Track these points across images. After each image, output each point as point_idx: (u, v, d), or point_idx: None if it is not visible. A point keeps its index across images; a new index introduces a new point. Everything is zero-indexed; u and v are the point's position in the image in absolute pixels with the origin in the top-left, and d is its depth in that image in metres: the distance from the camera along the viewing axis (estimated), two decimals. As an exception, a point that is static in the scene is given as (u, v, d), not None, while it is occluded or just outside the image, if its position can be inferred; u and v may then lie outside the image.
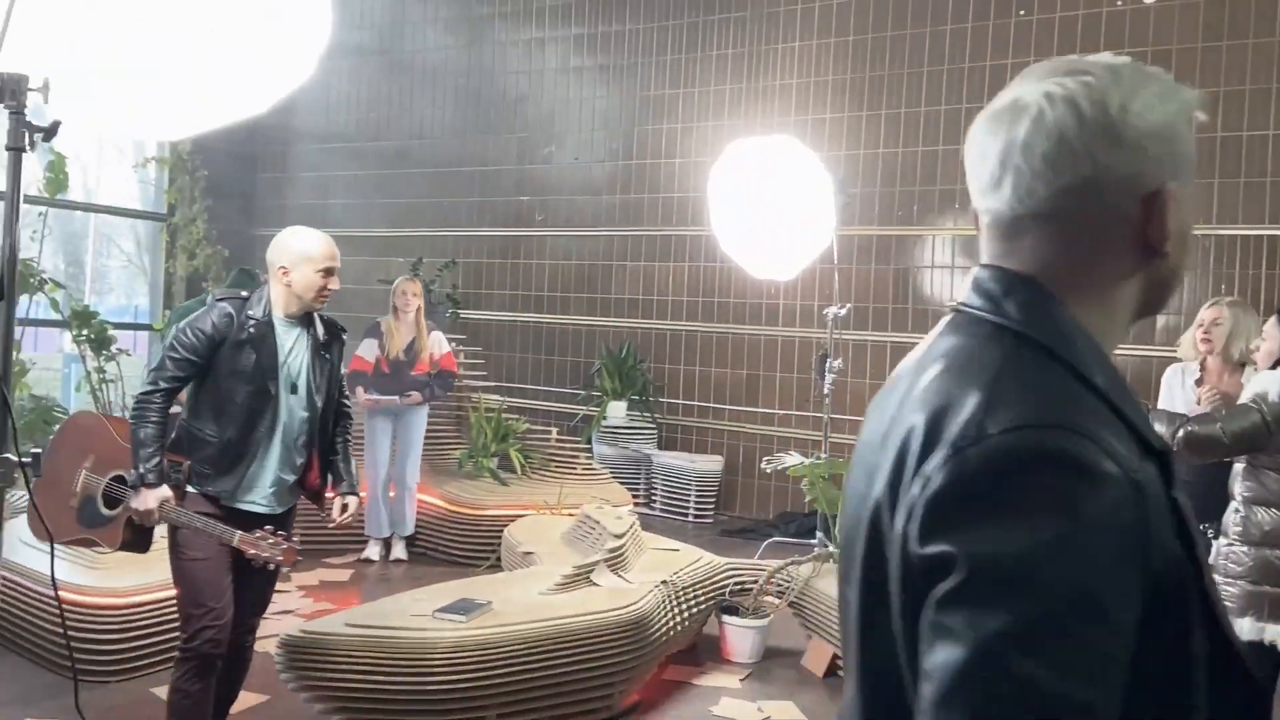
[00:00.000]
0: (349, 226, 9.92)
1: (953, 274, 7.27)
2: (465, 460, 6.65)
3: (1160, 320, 6.25)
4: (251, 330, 3.08)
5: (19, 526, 4.66)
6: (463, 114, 9.59)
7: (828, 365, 6.15)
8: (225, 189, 10.27)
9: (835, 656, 4.39)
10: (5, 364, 2.12)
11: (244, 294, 3.21)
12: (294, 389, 3.16)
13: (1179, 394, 3.75)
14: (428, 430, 6.36)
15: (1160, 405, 3.73)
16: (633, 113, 8.69)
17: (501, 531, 5.49)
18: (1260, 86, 6.32)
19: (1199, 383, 3.68)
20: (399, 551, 6.17)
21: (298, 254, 3.11)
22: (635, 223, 8.64)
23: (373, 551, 6.13)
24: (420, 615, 3.67)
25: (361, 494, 3.75)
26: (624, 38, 8.75)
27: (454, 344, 7.33)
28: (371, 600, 4.19)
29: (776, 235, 5.85)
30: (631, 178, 8.67)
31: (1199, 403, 3.54)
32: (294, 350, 3.17)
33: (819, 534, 5.93)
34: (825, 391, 6.16)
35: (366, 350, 6.10)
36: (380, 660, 3.47)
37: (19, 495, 5.12)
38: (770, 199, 5.75)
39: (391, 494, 6.15)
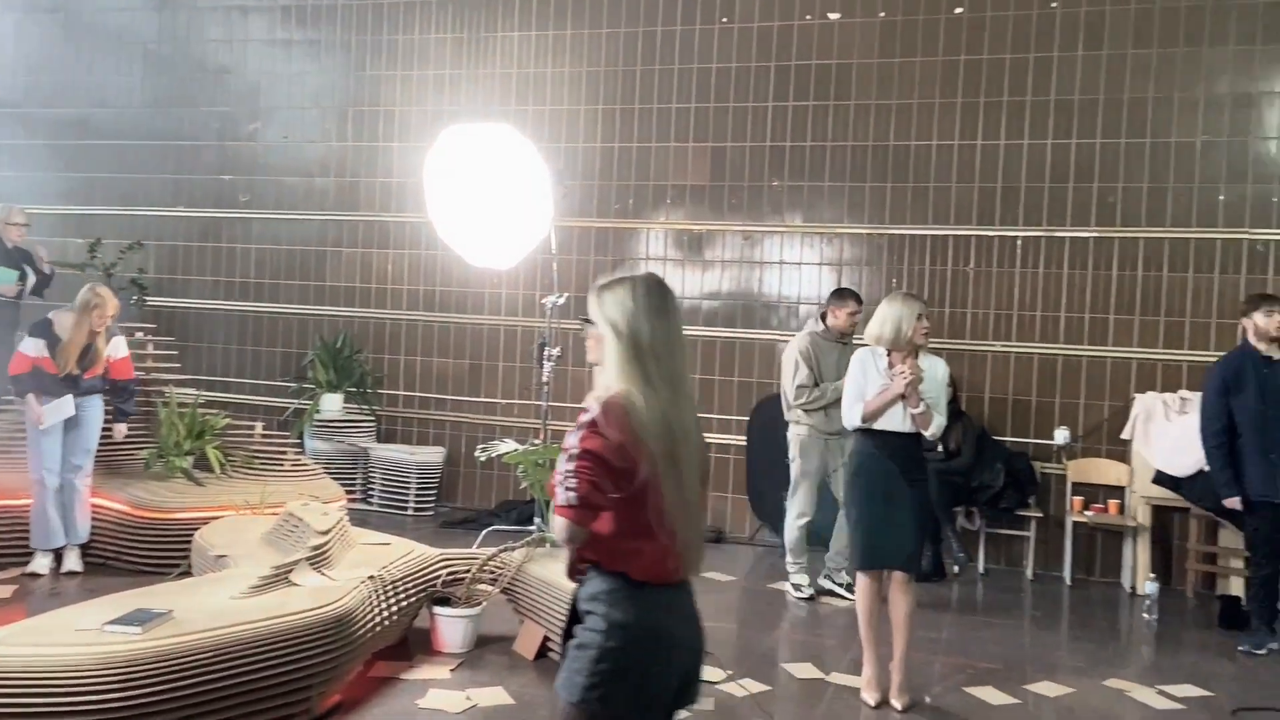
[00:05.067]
0: (16, 201, 8.82)
1: (665, 265, 7.56)
2: (153, 460, 6.08)
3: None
4: None
5: None
6: (154, 83, 8.77)
7: (546, 353, 6.22)
8: None
9: (546, 638, 4.44)
10: None
11: None
12: None
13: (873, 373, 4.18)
14: (107, 428, 5.78)
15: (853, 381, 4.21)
16: (348, 92, 8.33)
17: (194, 536, 5.08)
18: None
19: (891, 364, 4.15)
20: (72, 562, 5.55)
21: None
22: (351, 207, 8.30)
23: (40, 565, 5.48)
24: (87, 630, 3.33)
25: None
26: (335, 13, 8.35)
27: (143, 334, 6.73)
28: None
29: (494, 224, 5.82)
30: (347, 160, 8.32)
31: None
32: None
33: (536, 520, 5.99)
34: (544, 379, 6.23)
35: (32, 348, 5.42)
36: (41, 684, 3.10)
37: None
38: (487, 187, 5.71)
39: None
